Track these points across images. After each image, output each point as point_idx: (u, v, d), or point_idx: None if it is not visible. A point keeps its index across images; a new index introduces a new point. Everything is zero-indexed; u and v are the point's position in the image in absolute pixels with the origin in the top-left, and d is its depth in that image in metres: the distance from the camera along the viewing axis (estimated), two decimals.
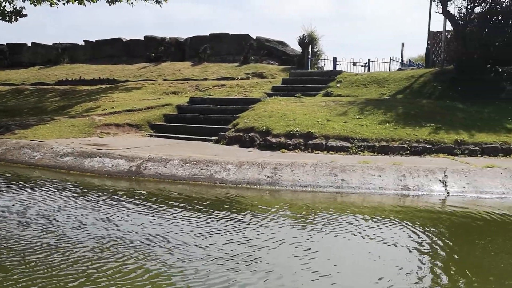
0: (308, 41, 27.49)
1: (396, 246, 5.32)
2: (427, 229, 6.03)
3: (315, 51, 28.15)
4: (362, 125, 11.82)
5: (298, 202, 7.70)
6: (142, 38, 33.83)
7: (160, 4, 21.33)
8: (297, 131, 11.44)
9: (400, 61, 31.62)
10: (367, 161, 9.28)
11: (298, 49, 28.65)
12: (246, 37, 31.36)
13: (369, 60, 29.66)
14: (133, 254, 4.85)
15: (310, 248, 5.17)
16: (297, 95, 15.64)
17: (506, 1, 15.31)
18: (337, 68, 27.46)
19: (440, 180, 8.35)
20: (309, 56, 26.79)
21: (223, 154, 10.43)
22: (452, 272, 4.55)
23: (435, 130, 11.44)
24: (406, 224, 6.25)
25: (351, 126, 11.70)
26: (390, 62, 29.81)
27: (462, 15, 15.85)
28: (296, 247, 5.21)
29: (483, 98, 14.41)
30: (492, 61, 16.06)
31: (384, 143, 10.84)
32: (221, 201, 7.56)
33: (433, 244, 5.40)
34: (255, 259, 4.78)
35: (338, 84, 17.87)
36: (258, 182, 8.54)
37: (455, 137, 10.93)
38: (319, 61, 28.61)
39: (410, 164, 9.03)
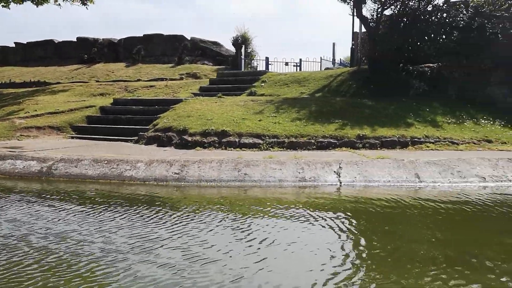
0: (241, 42, 28.04)
1: (285, 230, 5.87)
2: (315, 214, 6.64)
3: (249, 51, 28.76)
4: (275, 123, 12.45)
5: (204, 195, 8.14)
6: (75, 40, 33.21)
7: (86, 6, 21.18)
8: (212, 129, 11.90)
9: (332, 60, 32.82)
10: (272, 156, 9.87)
11: (233, 49, 29.16)
12: (180, 37, 31.55)
13: (300, 60, 30.60)
14: (29, 251, 5.10)
15: (206, 240, 5.61)
16: (218, 95, 16.13)
17: (414, 4, 16.48)
18: (269, 68, 28.22)
19: (335, 172, 9.06)
20: (242, 56, 27.32)
21: (138, 153, 10.71)
22: (327, 245, 5.14)
23: (342, 126, 12.25)
24: (297, 211, 6.84)
25: (264, 124, 12.30)
26: (321, 62, 30.91)
27: (374, 17, 16.90)
28: (191, 239, 5.63)
29: (393, 95, 15.49)
30: (403, 61, 17.26)
31: (293, 139, 11.51)
32: (124, 197, 7.87)
33: (321, 227, 6.00)
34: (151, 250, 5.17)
35: (263, 84, 18.52)
36: (166, 179, 8.91)
37: (358, 132, 11.78)
38: (253, 61, 29.24)
39: (309, 158, 9.72)
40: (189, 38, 31.51)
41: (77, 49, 31.90)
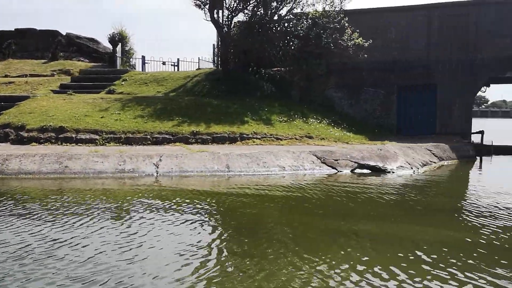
0: (118, 39, 27.87)
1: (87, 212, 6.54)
2: (121, 199, 7.41)
3: (127, 49, 28.71)
4: (117, 120, 13.03)
5: (16, 188, 8.51)
6: None
7: None
8: (50, 125, 12.16)
9: (212, 61, 33.84)
10: (97, 150, 10.49)
11: (111, 47, 28.85)
12: (55, 33, 30.48)
13: (178, 59, 31.13)
14: None
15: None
16: (69, 92, 16.26)
17: (261, 13, 17.99)
18: (146, 67, 28.37)
19: (154, 164, 9.93)
20: (117, 54, 27.22)
21: None
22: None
23: (180, 123, 13.21)
24: (104, 198, 7.55)
25: (105, 121, 12.83)
26: (199, 62, 31.78)
27: (226, 23, 18.14)
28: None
29: (242, 96, 16.82)
30: (253, 64, 18.76)
31: (130, 135, 12.20)
32: None
33: (122, 210, 6.76)
34: None
35: (123, 82, 18.90)
36: None
37: (193, 129, 12.81)
38: (131, 59, 29.24)
39: (133, 152, 10.50)
40: (64, 34, 30.58)
41: None
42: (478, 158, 15.66)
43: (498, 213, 7.04)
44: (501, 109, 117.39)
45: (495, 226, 6.19)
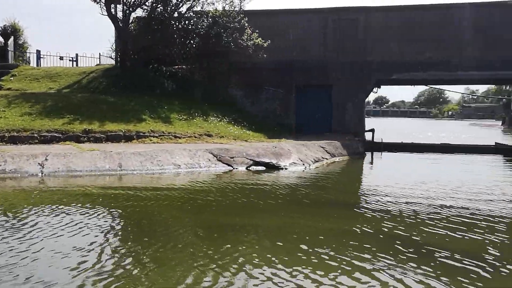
0: (11, 32, 25.92)
1: None
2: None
3: (20, 42, 26.80)
4: (1, 117, 12.11)
5: None
6: None
7: None
8: None
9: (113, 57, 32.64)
10: None
11: (2, 40, 26.74)
12: None
13: (77, 54, 29.66)
14: None
15: None
16: None
17: (161, 9, 17.72)
18: (42, 62, 26.65)
19: (39, 163, 9.36)
20: (9, 48, 25.29)
21: None
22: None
23: (71, 121, 12.59)
24: None
25: None
26: (100, 58, 30.49)
27: (124, 18, 17.61)
28: None
29: (141, 93, 16.42)
30: (153, 61, 18.44)
31: (15, 134, 11.39)
32: None
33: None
34: None
35: (12, 78, 17.63)
36: None
37: (85, 127, 12.28)
38: (25, 53, 27.33)
39: (17, 151, 9.82)
40: None
41: None
42: (369, 154, 16.80)
43: (381, 204, 7.60)
44: (400, 109, 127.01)
45: (378, 216, 6.68)
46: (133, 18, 18.01)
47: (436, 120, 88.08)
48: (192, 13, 18.28)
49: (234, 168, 10.93)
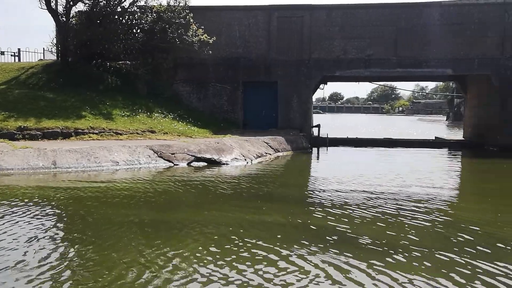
0: None
1: None
2: None
3: None
4: None
5: None
6: None
7: None
8: None
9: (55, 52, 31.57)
10: None
11: None
12: None
13: (19, 49, 28.59)
14: None
15: None
16: None
17: (104, 3, 17.27)
18: None
19: None
20: None
21: None
22: None
23: (6, 118, 12.11)
24: None
25: None
26: (44, 53, 29.43)
27: (65, 12, 17.05)
28: None
29: (83, 89, 15.96)
30: (96, 56, 17.99)
31: None
32: None
33: None
34: None
35: None
36: None
37: (20, 124, 11.85)
38: None
39: None
40: None
41: None
42: (315, 149, 17.19)
43: (316, 196, 7.80)
44: (354, 105, 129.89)
45: (310, 208, 6.86)
46: (75, 12, 17.49)
47: (387, 115, 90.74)
48: (136, 8, 17.94)
49: (175, 165, 10.89)
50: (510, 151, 16.00)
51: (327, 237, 5.28)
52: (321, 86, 23.31)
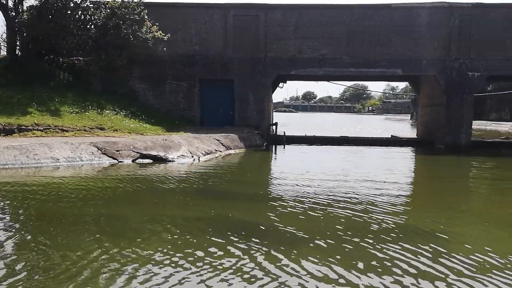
0: None
1: None
2: None
3: None
4: None
5: None
6: None
7: None
8: None
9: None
10: None
11: None
12: None
13: None
14: None
15: None
16: None
17: None
18: None
19: None
20: None
21: None
22: None
23: None
24: None
25: None
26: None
27: (15, 6, 16.70)
28: None
29: (33, 85, 15.66)
30: (48, 52, 17.67)
31: None
32: None
33: None
34: None
35: None
36: None
37: None
38: None
39: None
40: None
41: None
42: (271, 147, 17.43)
43: (258, 192, 7.94)
44: (327, 104, 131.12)
45: (250, 203, 7.00)
46: (27, 7, 17.12)
47: (358, 114, 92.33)
48: (89, 3, 17.70)
49: (119, 161, 10.84)
50: (454, 149, 16.64)
51: (249, 230, 5.44)
52: (281, 84, 23.54)
